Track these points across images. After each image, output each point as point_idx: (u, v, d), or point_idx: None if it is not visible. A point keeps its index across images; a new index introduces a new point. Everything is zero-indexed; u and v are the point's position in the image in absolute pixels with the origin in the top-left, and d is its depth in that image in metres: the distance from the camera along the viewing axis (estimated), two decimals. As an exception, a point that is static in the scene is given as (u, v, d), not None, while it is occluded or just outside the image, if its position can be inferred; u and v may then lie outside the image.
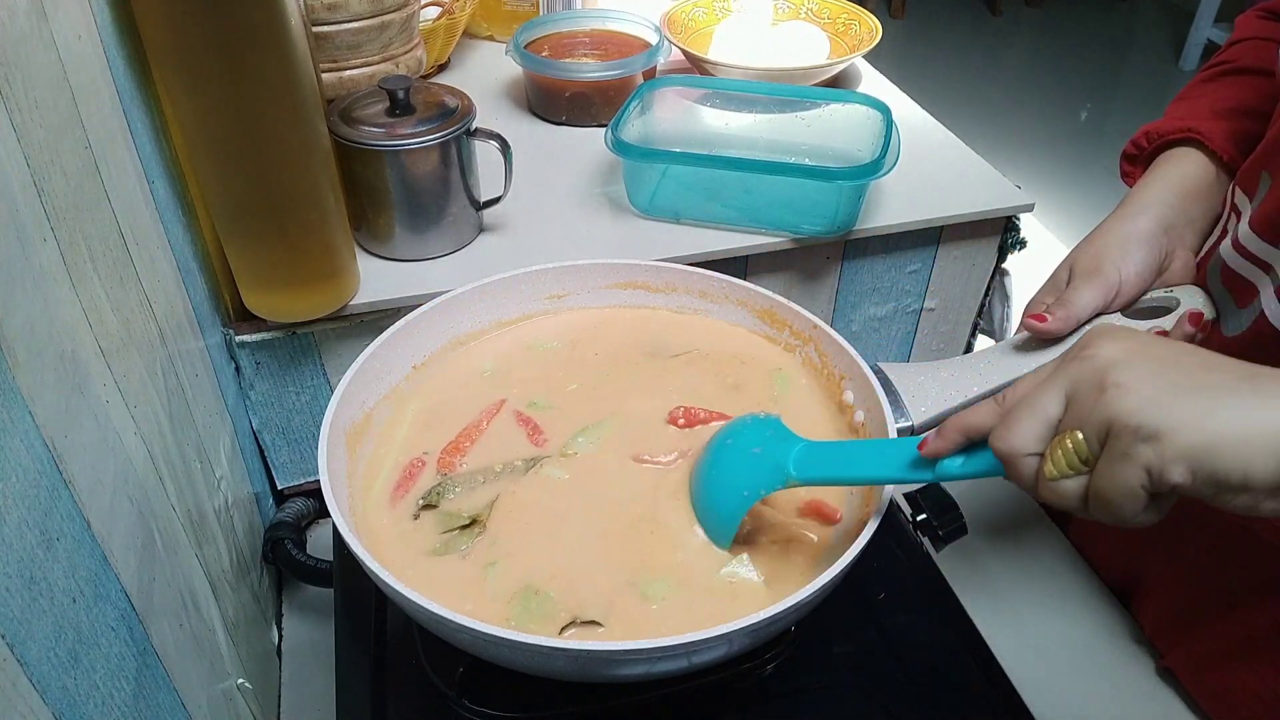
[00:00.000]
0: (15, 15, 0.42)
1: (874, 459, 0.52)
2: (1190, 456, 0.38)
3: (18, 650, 0.34)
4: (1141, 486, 0.39)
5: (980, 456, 0.46)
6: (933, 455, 0.47)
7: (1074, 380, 0.41)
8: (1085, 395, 0.40)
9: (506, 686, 0.56)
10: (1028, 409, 0.42)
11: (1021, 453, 0.42)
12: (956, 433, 0.46)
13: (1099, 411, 0.39)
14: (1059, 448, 0.41)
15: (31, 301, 0.39)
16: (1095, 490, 0.40)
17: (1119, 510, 0.40)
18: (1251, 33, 0.70)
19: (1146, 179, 0.67)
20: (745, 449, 0.56)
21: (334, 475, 0.55)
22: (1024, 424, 0.42)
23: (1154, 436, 0.38)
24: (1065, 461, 0.41)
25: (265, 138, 0.64)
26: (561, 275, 0.71)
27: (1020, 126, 3.18)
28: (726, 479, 0.56)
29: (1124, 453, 0.39)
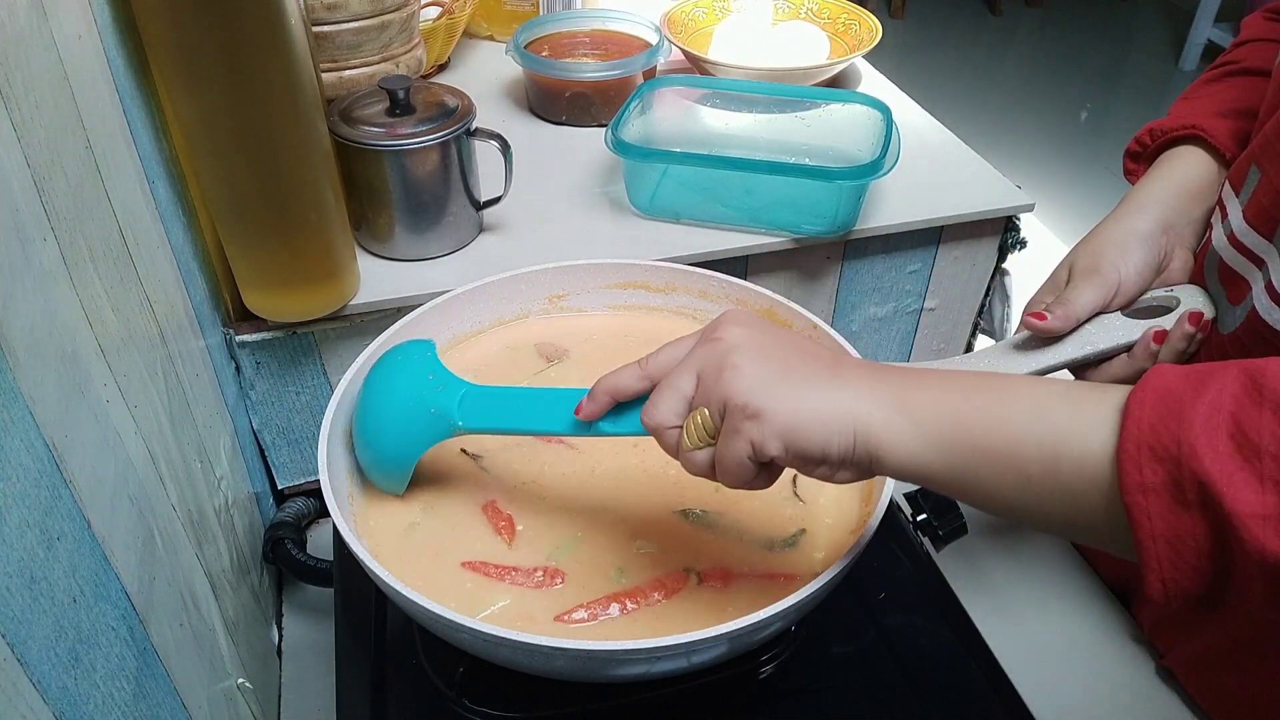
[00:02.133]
0: (15, 15, 0.42)
1: (539, 412, 0.53)
2: (783, 434, 0.43)
3: (18, 650, 0.34)
4: (748, 457, 0.44)
5: (627, 419, 0.50)
6: (587, 418, 0.51)
7: (703, 361, 0.46)
8: (710, 375, 0.45)
9: (506, 686, 0.56)
10: (668, 387, 0.47)
11: (664, 426, 0.47)
12: (605, 394, 0.50)
13: (718, 391, 0.44)
14: (691, 422, 0.46)
15: (31, 301, 0.39)
16: (718, 459, 0.46)
17: (735, 477, 0.45)
18: (1257, 34, 0.70)
19: (1148, 178, 0.67)
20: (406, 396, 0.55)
21: (334, 475, 0.55)
22: (665, 400, 0.47)
23: (756, 415, 0.43)
24: (696, 435, 0.46)
25: (265, 138, 0.64)
26: (561, 275, 0.71)
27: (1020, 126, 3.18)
28: (389, 429, 0.56)
29: (734, 428, 0.44)
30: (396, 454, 0.56)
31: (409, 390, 0.56)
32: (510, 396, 0.55)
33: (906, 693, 0.59)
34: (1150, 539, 0.36)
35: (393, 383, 0.57)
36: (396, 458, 0.56)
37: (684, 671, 0.52)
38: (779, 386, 0.44)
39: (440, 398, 0.54)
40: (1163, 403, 0.36)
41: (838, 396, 0.43)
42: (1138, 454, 0.36)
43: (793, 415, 0.43)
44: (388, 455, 0.56)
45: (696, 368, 0.46)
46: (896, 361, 1.00)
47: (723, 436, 0.45)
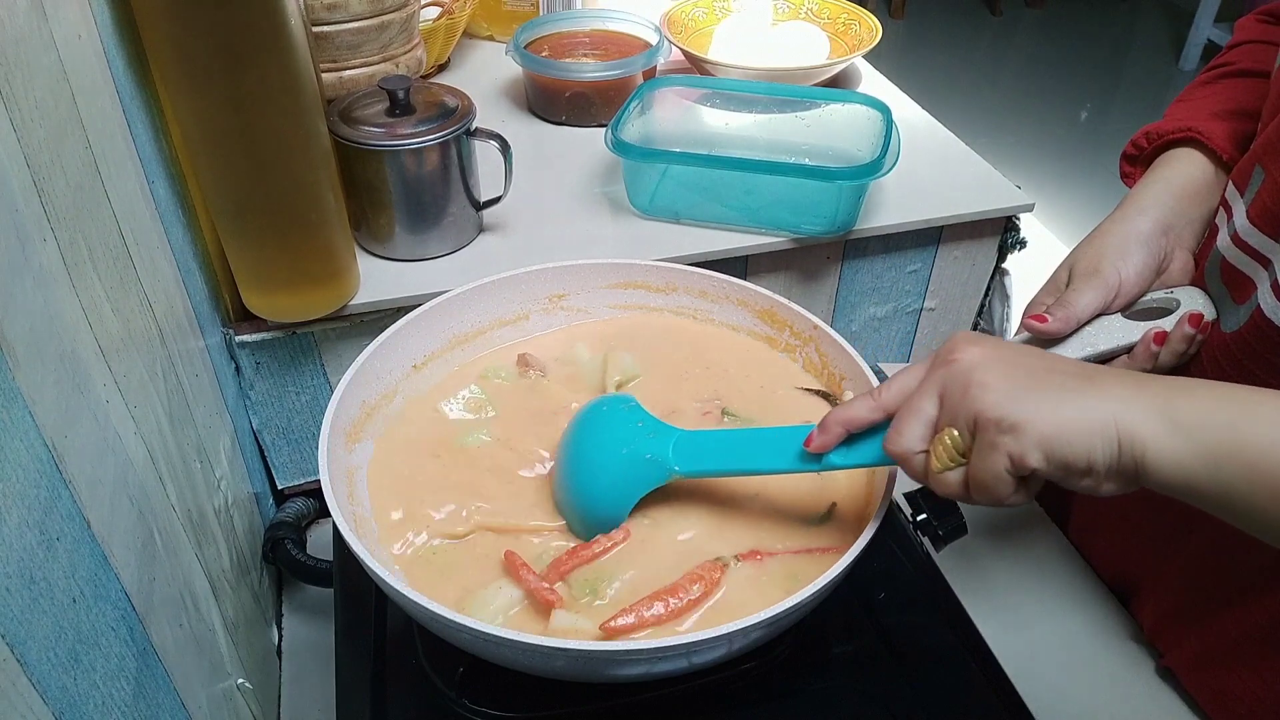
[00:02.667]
0: (15, 15, 0.42)
1: (761, 450, 0.53)
2: (1044, 443, 0.42)
3: (18, 650, 0.34)
4: (1007, 471, 0.43)
5: (860, 449, 0.51)
6: (819, 450, 0.51)
7: (944, 383, 0.46)
8: (955, 394, 0.45)
9: (506, 686, 0.56)
10: (910, 413, 0.47)
11: (911, 451, 0.47)
12: (838, 425, 0.50)
13: (966, 407, 0.44)
14: (939, 444, 0.46)
15: (31, 301, 0.39)
16: (972, 477, 0.45)
17: (994, 492, 0.45)
18: (1251, 36, 0.70)
19: (1146, 180, 0.67)
20: (615, 447, 0.55)
21: (334, 475, 0.55)
22: (909, 426, 0.47)
23: (1013, 428, 0.42)
24: (946, 455, 0.46)
25: (265, 138, 0.64)
26: (561, 275, 0.71)
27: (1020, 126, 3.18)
28: (601, 481, 0.55)
29: (990, 443, 0.43)
30: (612, 503, 0.55)
31: (621, 439, 0.56)
32: (726, 438, 0.56)
33: (906, 693, 0.59)
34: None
35: (603, 433, 0.57)
36: (612, 507, 0.55)
37: (684, 672, 0.52)
38: (1033, 397, 0.43)
39: (653, 444, 0.55)
40: None
41: (1098, 403, 0.42)
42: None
43: (1052, 424, 0.42)
44: (603, 505, 0.56)
45: (938, 389, 0.46)
46: (897, 362, 1.00)
47: (976, 453, 0.44)
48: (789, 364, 0.68)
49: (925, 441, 0.47)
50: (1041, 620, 0.75)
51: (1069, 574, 0.78)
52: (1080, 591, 0.77)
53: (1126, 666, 0.71)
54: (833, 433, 0.50)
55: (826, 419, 0.51)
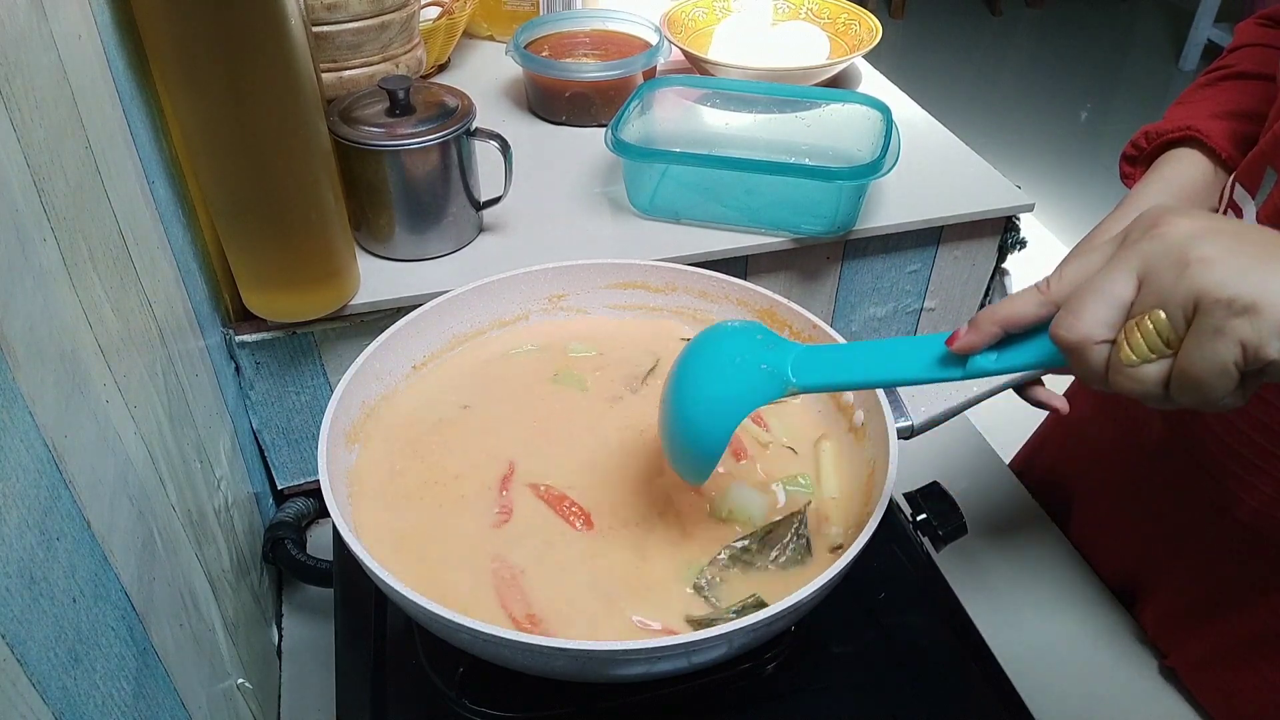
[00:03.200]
0: (15, 15, 0.42)
1: (892, 358, 0.47)
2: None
3: (18, 650, 0.34)
4: (1234, 364, 0.37)
5: (1020, 350, 0.43)
6: (966, 350, 0.44)
7: (1147, 258, 0.39)
8: (1164, 272, 0.38)
9: (506, 686, 0.56)
10: (1094, 293, 0.40)
11: (1092, 340, 0.40)
12: (993, 324, 0.44)
13: (1183, 287, 0.37)
14: (1137, 329, 0.39)
15: (31, 301, 0.39)
16: (1181, 371, 0.38)
17: (1209, 391, 0.38)
18: (1250, 39, 0.70)
19: (1145, 180, 0.67)
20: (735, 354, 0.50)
21: (334, 475, 0.55)
22: (1092, 309, 0.39)
23: (1249, 309, 0.36)
24: (1146, 344, 0.38)
25: (265, 138, 0.64)
26: (561, 275, 0.71)
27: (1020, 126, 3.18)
28: (711, 392, 0.49)
29: (1216, 328, 0.37)
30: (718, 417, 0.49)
31: (738, 349, 0.50)
32: (852, 350, 0.49)
33: (906, 693, 0.59)
34: None
35: (720, 344, 0.51)
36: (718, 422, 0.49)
37: (684, 671, 0.52)
38: (1276, 273, 0.36)
39: (772, 355, 0.49)
40: None
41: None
42: None
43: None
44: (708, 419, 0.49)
45: (1137, 267, 0.39)
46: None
47: (1194, 340, 0.37)
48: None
49: (1113, 328, 0.39)
50: (1041, 620, 0.75)
51: (1069, 574, 0.78)
52: (1081, 592, 0.77)
53: (1128, 667, 0.71)
54: (985, 331, 0.44)
55: (979, 316, 0.44)
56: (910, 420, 0.60)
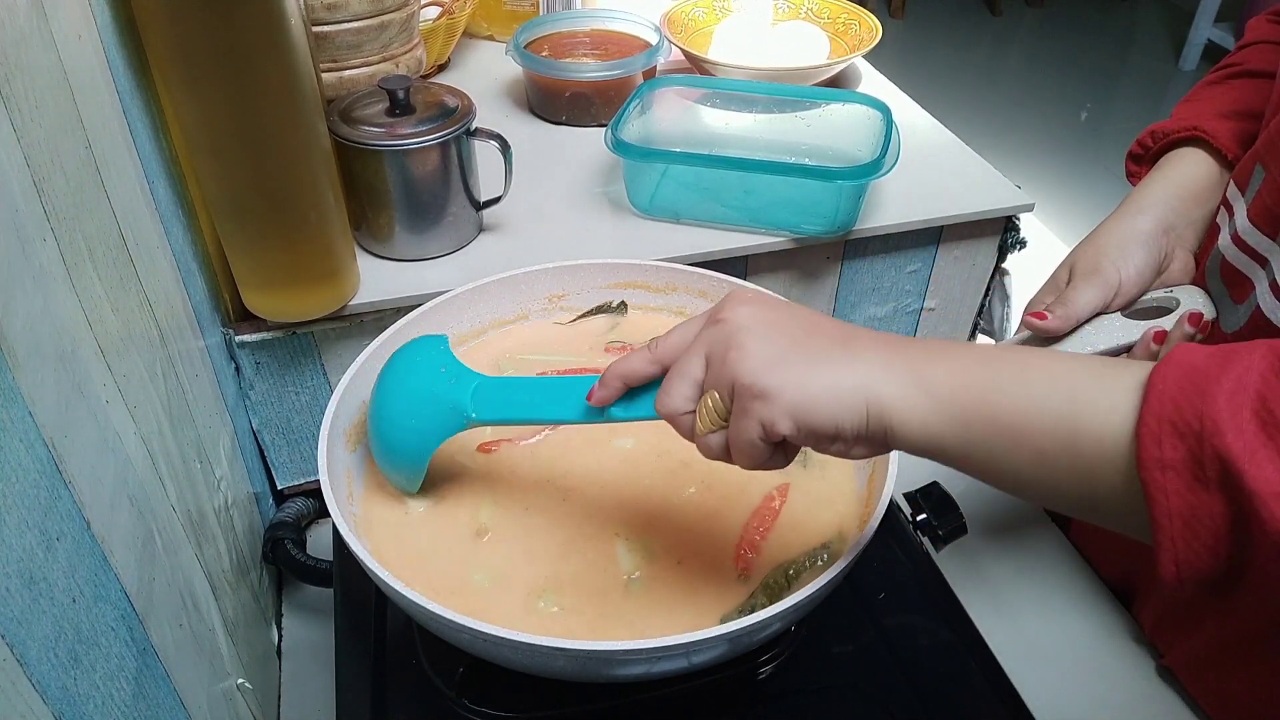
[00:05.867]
0: (15, 15, 0.42)
1: (552, 400, 0.53)
2: (793, 412, 0.43)
3: (18, 650, 0.34)
4: (759, 438, 0.44)
5: (640, 403, 0.51)
6: (599, 404, 0.51)
7: (710, 343, 0.46)
8: (717, 357, 0.45)
9: (506, 686, 0.56)
10: (678, 373, 0.47)
11: (678, 412, 0.47)
12: (616, 379, 0.50)
13: (726, 373, 0.44)
14: (703, 406, 0.46)
15: (31, 301, 0.39)
16: (731, 441, 0.46)
17: (749, 458, 0.45)
18: (1262, 36, 0.70)
19: (1149, 179, 0.67)
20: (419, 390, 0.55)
21: (334, 475, 0.55)
22: (677, 387, 0.47)
23: (763, 395, 0.43)
24: (709, 419, 0.46)
25: (265, 138, 0.64)
26: (561, 275, 0.71)
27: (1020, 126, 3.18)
28: (403, 424, 0.56)
29: (744, 409, 0.44)
30: (411, 450, 0.56)
31: (421, 384, 0.56)
32: (522, 386, 0.55)
33: (906, 693, 0.59)
34: (1166, 517, 0.35)
35: (405, 377, 0.57)
36: (411, 454, 0.56)
37: (684, 671, 0.52)
38: (786, 365, 0.43)
39: (453, 390, 0.54)
40: (1187, 378, 0.36)
41: (849, 371, 0.43)
42: (1158, 429, 0.35)
43: (801, 392, 0.43)
44: (402, 451, 0.56)
45: (705, 350, 0.46)
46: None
47: (733, 418, 0.45)
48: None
49: (692, 403, 0.47)
50: (1041, 620, 0.75)
51: (1069, 574, 0.78)
52: (1080, 591, 0.77)
53: (1126, 666, 0.71)
54: (612, 387, 0.50)
55: (607, 372, 0.50)
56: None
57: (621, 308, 0.70)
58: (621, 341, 0.70)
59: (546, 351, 0.69)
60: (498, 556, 0.57)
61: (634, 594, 0.55)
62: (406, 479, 0.57)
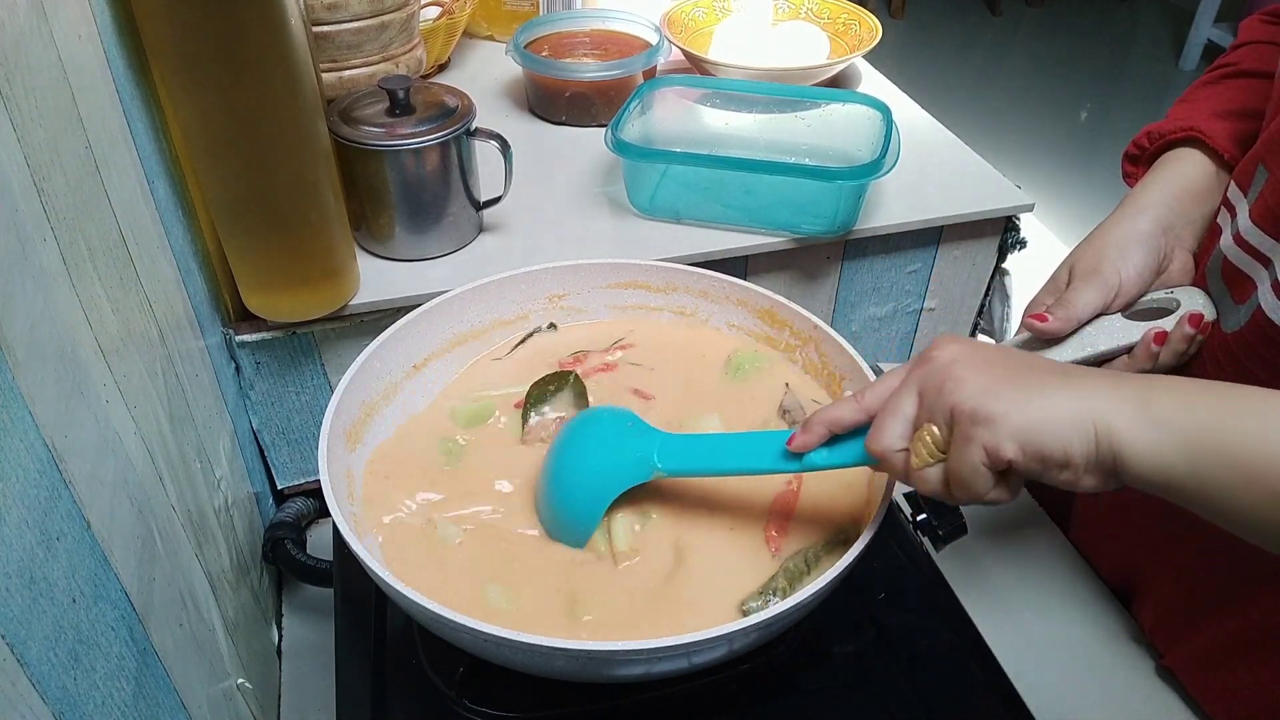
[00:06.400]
0: (15, 15, 0.42)
1: (742, 452, 0.54)
2: (1018, 435, 0.42)
3: (18, 650, 0.34)
4: (983, 464, 0.44)
5: (843, 449, 0.51)
6: (801, 449, 0.51)
7: (923, 380, 0.47)
8: (932, 390, 0.46)
9: (506, 686, 0.56)
10: (889, 412, 0.48)
11: (892, 450, 0.47)
12: (821, 426, 0.51)
13: (943, 402, 0.45)
14: (919, 440, 0.46)
15: (31, 301, 0.39)
16: (951, 472, 0.45)
17: (973, 488, 0.45)
18: (1255, 37, 0.70)
19: (1147, 180, 0.67)
20: (602, 443, 0.57)
21: (334, 475, 0.55)
22: (889, 425, 0.47)
23: (987, 420, 0.43)
24: (925, 451, 0.46)
25: (265, 138, 0.64)
26: (561, 275, 0.71)
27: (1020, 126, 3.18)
28: (585, 474, 0.56)
29: (966, 436, 0.44)
30: (592, 497, 0.56)
31: (609, 435, 0.58)
32: (713, 440, 0.57)
33: (906, 693, 0.59)
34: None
35: (593, 430, 0.59)
36: (591, 501, 0.56)
37: (684, 672, 0.52)
38: (1008, 390, 0.43)
39: (640, 443, 0.56)
40: None
41: (1075, 397, 0.43)
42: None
43: (1025, 416, 0.42)
44: (582, 498, 0.56)
45: (917, 387, 0.47)
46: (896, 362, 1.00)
47: (954, 448, 0.45)
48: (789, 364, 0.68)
49: (905, 440, 0.47)
50: (1041, 620, 0.75)
51: (1069, 574, 0.78)
52: (1080, 591, 0.77)
53: (1126, 666, 0.71)
54: (816, 433, 0.51)
55: (810, 419, 0.51)
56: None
57: (552, 328, 0.69)
58: (578, 351, 0.69)
59: (500, 387, 0.67)
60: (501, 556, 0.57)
61: (668, 583, 0.55)
62: (579, 529, 0.56)
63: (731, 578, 0.55)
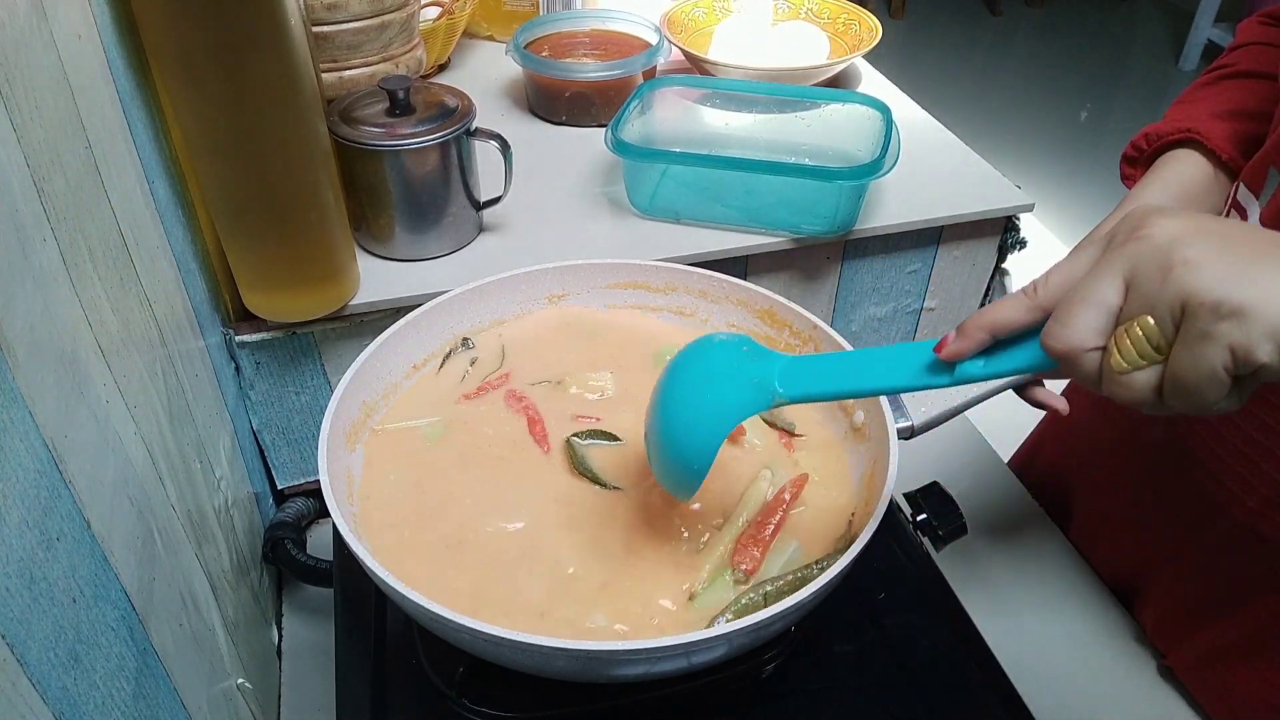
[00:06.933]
0: (15, 15, 0.42)
1: (879, 367, 0.47)
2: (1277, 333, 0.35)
3: (18, 650, 0.34)
4: (1224, 368, 0.36)
5: (1008, 355, 0.43)
6: (954, 357, 0.44)
7: (1133, 262, 0.38)
8: (1150, 276, 0.37)
9: (506, 686, 0.56)
10: (1082, 300, 0.39)
11: (1083, 348, 0.39)
12: (981, 330, 0.43)
13: (1170, 290, 0.36)
14: (1126, 336, 0.38)
15: (31, 301, 0.39)
16: (1172, 376, 0.38)
17: (1201, 397, 0.37)
18: (1252, 38, 0.70)
19: (1145, 181, 0.67)
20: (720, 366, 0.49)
21: (334, 475, 0.55)
22: (1081, 316, 0.39)
23: (1236, 312, 0.35)
24: (1136, 350, 0.38)
25: (265, 138, 0.64)
26: (561, 275, 0.71)
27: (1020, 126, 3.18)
28: (696, 405, 0.48)
29: (1204, 332, 0.36)
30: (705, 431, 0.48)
31: (724, 361, 0.49)
32: (838, 359, 0.49)
33: (906, 693, 0.59)
34: None
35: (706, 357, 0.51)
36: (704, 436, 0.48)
37: (684, 672, 0.52)
38: (1261, 274, 0.35)
39: (758, 366, 0.48)
40: None
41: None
42: None
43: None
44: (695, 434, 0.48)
45: (1123, 271, 0.38)
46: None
47: (1183, 345, 0.36)
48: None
49: (1103, 335, 0.39)
50: (1041, 620, 0.75)
51: (1069, 574, 0.78)
52: (1080, 591, 0.77)
53: (1127, 666, 0.71)
54: (974, 338, 0.43)
55: (966, 322, 0.43)
56: (910, 421, 0.60)
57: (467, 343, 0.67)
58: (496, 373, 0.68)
59: (441, 411, 0.65)
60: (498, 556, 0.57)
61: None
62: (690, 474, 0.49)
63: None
